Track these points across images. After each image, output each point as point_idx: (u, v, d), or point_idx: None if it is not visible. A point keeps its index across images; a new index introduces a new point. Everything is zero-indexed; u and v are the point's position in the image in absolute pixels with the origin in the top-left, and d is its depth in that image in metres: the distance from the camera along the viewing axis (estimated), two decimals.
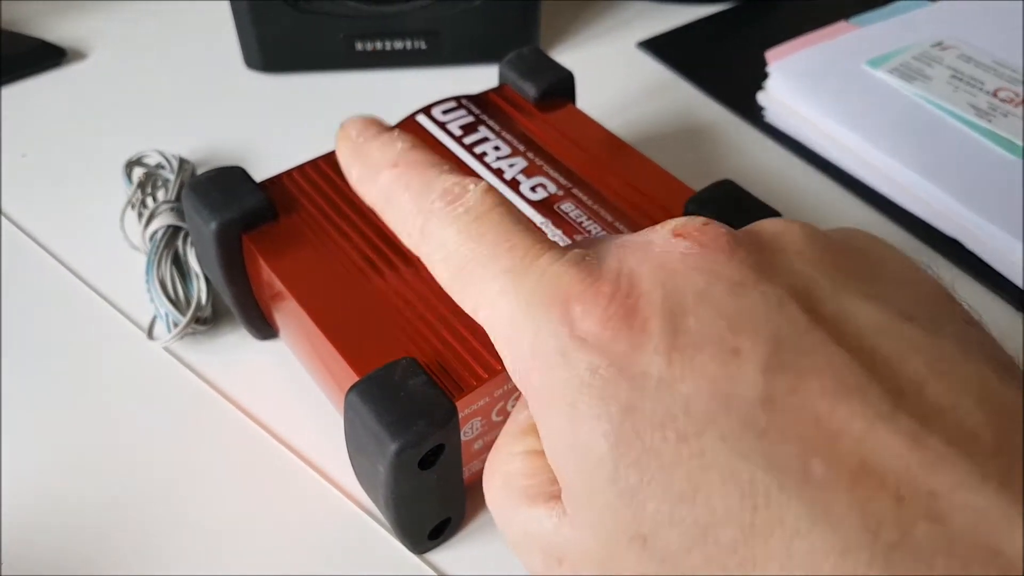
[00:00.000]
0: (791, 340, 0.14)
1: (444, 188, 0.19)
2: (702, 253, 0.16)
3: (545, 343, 0.16)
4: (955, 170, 0.38)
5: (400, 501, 0.23)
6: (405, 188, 0.19)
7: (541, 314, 0.16)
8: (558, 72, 0.35)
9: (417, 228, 0.19)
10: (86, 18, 0.52)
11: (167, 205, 0.34)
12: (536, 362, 0.16)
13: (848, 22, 0.48)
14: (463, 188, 0.19)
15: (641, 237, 0.17)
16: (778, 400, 0.14)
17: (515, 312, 0.17)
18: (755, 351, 0.14)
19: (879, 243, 0.18)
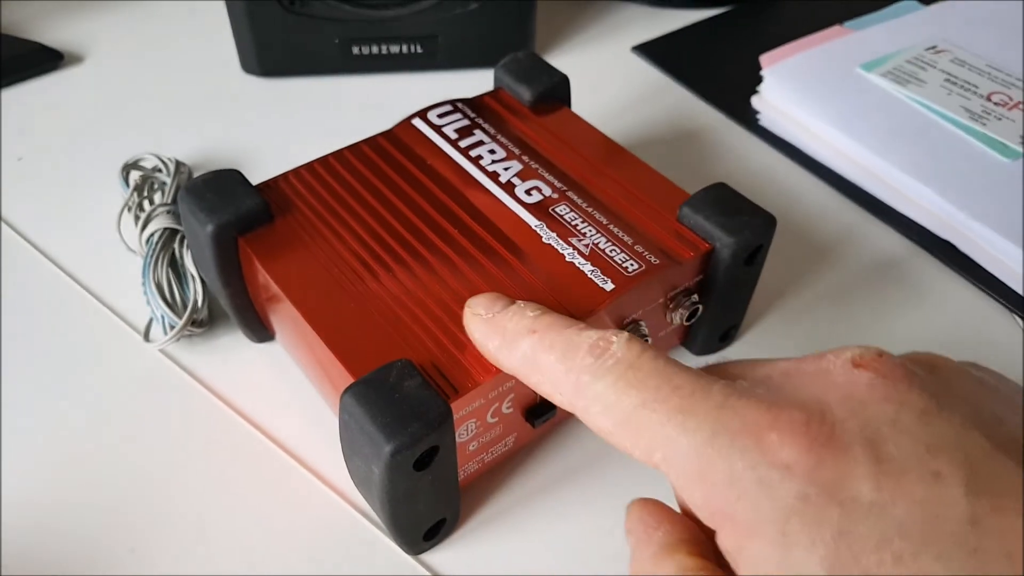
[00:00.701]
0: (982, 463, 0.16)
1: (590, 344, 0.20)
2: (885, 383, 0.17)
3: (743, 474, 0.16)
4: (949, 173, 0.38)
5: (395, 502, 0.23)
6: (549, 350, 0.21)
7: (731, 446, 0.17)
8: (553, 76, 0.35)
9: (570, 386, 0.20)
10: (84, 22, 0.52)
11: (163, 208, 0.34)
12: (735, 492, 0.16)
13: (842, 26, 0.48)
14: (607, 340, 0.20)
15: (812, 365, 0.18)
16: (983, 520, 0.15)
17: (700, 447, 0.17)
18: (955, 474, 0.15)
19: (994, 375, 0.20)
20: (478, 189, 0.30)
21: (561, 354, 0.20)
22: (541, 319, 0.22)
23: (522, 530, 0.27)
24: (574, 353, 0.20)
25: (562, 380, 0.20)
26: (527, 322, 0.22)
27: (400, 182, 0.30)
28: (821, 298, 0.35)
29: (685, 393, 0.18)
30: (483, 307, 0.23)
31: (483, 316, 0.23)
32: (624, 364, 0.19)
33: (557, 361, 0.20)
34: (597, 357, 0.19)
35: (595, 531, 0.27)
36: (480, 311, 0.23)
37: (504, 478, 0.28)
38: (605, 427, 0.19)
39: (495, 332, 0.23)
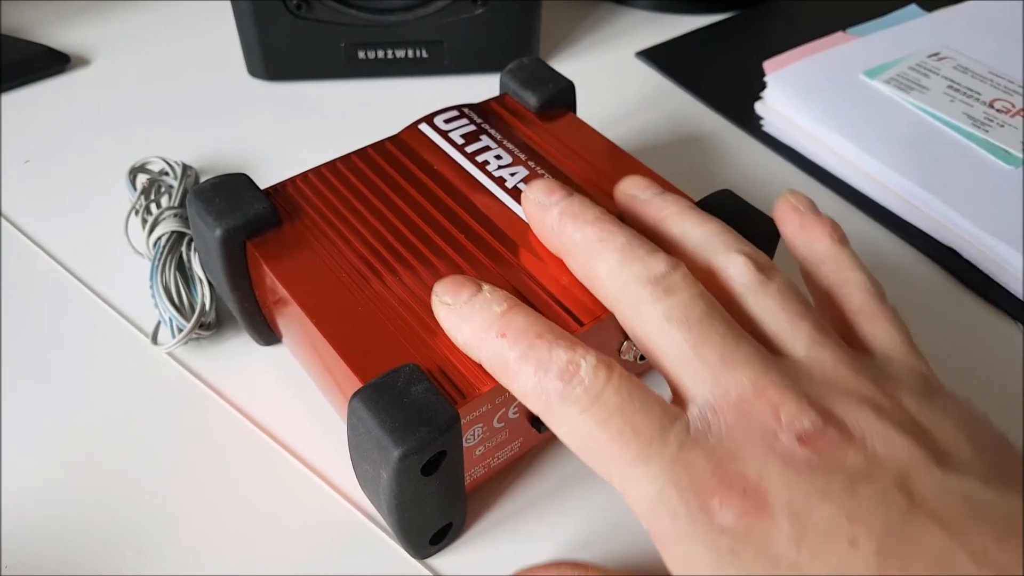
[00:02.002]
0: (897, 527, 0.17)
1: (559, 368, 0.21)
2: (822, 459, 0.19)
3: (685, 527, 0.19)
4: (951, 180, 0.38)
5: (402, 507, 0.23)
6: (520, 360, 0.21)
7: (679, 501, 0.19)
8: (559, 82, 0.35)
9: (539, 401, 0.21)
10: (90, 25, 0.52)
11: (171, 211, 0.34)
12: (677, 538, 0.19)
13: (845, 32, 0.48)
14: (575, 365, 0.21)
15: (759, 424, 0.19)
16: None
17: (652, 496, 0.19)
18: (869, 539, 0.17)
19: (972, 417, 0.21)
20: (484, 194, 0.30)
21: (532, 369, 0.21)
22: (510, 318, 0.22)
23: (528, 534, 0.27)
24: (543, 371, 0.21)
25: (530, 393, 0.21)
26: (494, 318, 0.22)
27: (407, 187, 0.30)
28: None
29: (643, 441, 0.19)
30: (449, 294, 0.24)
31: (449, 304, 0.23)
32: (591, 396, 0.20)
33: (526, 375, 0.21)
34: (566, 382, 0.20)
35: (601, 536, 0.27)
36: (447, 299, 0.24)
37: (510, 483, 0.29)
38: (572, 447, 0.21)
39: (463, 324, 0.23)
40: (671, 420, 0.20)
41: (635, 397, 0.20)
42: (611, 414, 0.20)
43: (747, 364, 0.20)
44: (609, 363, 0.21)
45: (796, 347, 0.22)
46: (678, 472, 0.19)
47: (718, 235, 0.25)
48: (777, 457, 0.19)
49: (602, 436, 0.20)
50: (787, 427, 0.19)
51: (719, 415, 0.20)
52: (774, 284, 0.23)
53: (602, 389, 0.20)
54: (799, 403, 0.19)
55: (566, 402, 0.20)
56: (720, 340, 0.21)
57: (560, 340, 0.21)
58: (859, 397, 0.20)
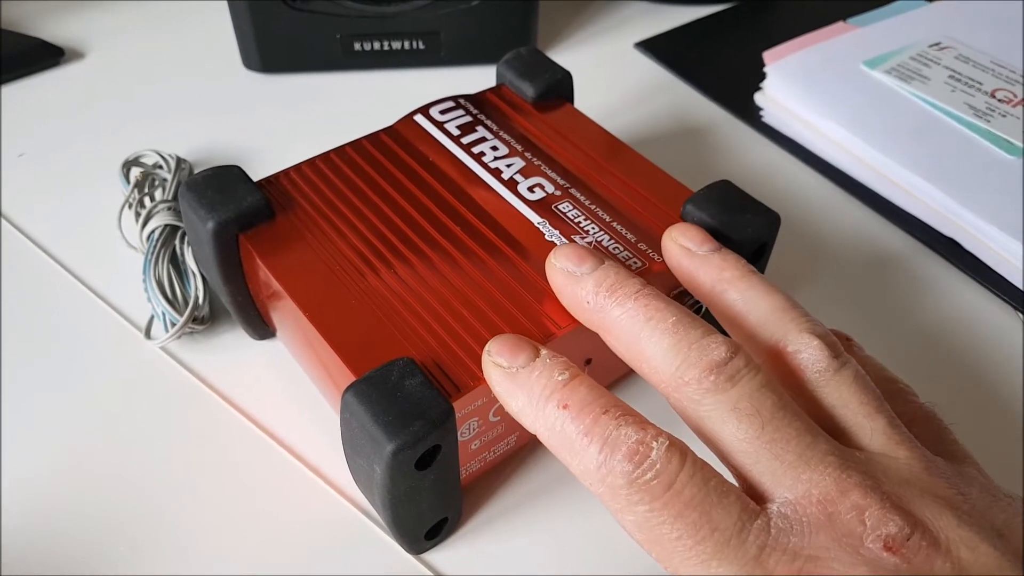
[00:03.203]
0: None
1: (628, 448, 0.19)
2: (911, 569, 0.18)
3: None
4: (953, 170, 0.38)
5: (397, 502, 0.23)
6: (584, 436, 0.20)
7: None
8: (556, 72, 0.35)
9: (601, 485, 0.19)
10: (85, 18, 0.52)
11: (164, 205, 0.34)
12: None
13: (846, 23, 0.48)
14: (647, 447, 0.19)
15: (843, 521, 0.18)
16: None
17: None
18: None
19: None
20: (480, 186, 0.30)
21: (598, 447, 0.19)
22: (573, 389, 0.21)
23: (524, 529, 0.27)
24: (611, 451, 0.19)
25: (593, 474, 0.20)
26: (555, 387, 0.21)
27: (402, 178, 0.30)
28: (824, 295, 0.35)
29: (721, 539, 0.18)
30: (505, 357, 0.22)
31: (504, 368, 0.22)
32: (663, 484, 0.19)
33: (591, 453, 0.20)
34: (636, 465, 0.19)
35: (598, 531, 0.27)
36: (502, 361, 0.22)
37: (506, 477, 0.28)
38: (636, 538, 0.19)
39: (520, 391, 0.21)
40: (750, 517, 0.19)
41: (712, 489, 0.19)
42: (686, 506, 0.19)
43: (826, 462, 0.19)
44: (683, 447, 0.19)
45: (872, 443, 0.21)
46: (758, 574, 0.18)
47: (787, 311, 0.23)
48: (863, 563, 0.18)
49: (674, 530, 0.19)
50: (872, 531, 0.18)
51: (801, 515, 0.19)
52: (848, 372, 0.22)
53: (676, 477, 0.19)
54: (883, 506, 0.19)
55: (634, 488, 0.19)
56: (797, 436, 0.20)
57: (628, 417, 0.20)
58: (937, 498, 0.19)
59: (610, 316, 0.23)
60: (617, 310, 0.23)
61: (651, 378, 0.22)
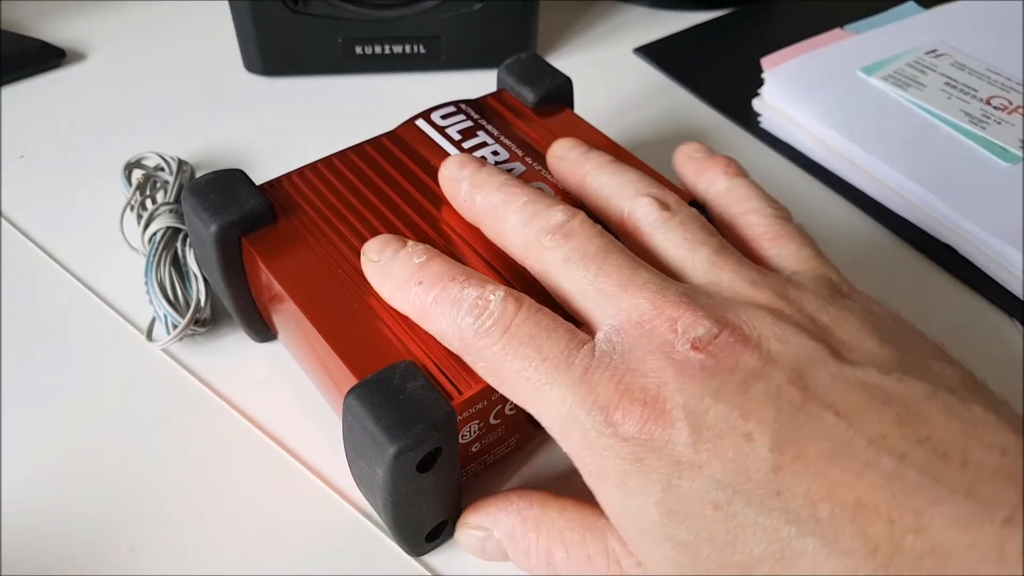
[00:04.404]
0: (790, 418, 0.18)
1: (470, 303, 0.22)
2: (716, 363, 0.20)
3: (594, 441, 0.20)
4: (948, 177, 0.38)
5: (398, 504, 0.23)
6: (434, 304, 0.23)
7: (586, 418, 0.20)
8: (556, 77, 0.35)
9: (455, 341, 0.22)
10: (86, 19, 0.52)
11: (166, 207, 0.34)
12: (588, 452, 0.20)
13: (843, 29, 0.48)
14: (485, 300, 0.22)
15: (657, 334, 0.21)
16: (786, 467, 0.18)
17: (562, 416, 0.21)
18: (763, 432, 0.18)
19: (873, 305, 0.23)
20: None
21: (445, 309, 0.22)
22: (426, 267, 0.23)
23: None
24: (456, 309, 0.22)
25: (447, 334, 0.23)
26: (413, 270, 0.24)
27: (403, 183, 0.30)
28: None
29: (551, 365, 0.21)
30: (375, 251, 0.25)
31: (375, 261, 0.25)
32: (500, 327, 0.21)
33: (442, 316, 0.22)
34: (476, 317, 0.22)
35: None
36: (373, 256, 0.25)
37: (506, 480, 0.28)
38: (487, 379, 0.22)
39: (386, 278, 0.24)
40: (578, 345, 0.21)
41: (543, 326, 0.21)
42: (520, 343, 0.21)
43: (646, 288, 0.21)
44: (518, 296, 0.22)
45: (696, 271, 0.23)
46: (583, 391, 0.20)
47: (630, 183, 0.26)
48: (674, 365, 0.20)
49: (513, 364, 0.21)
50: (683, 336, 0.20)
51: (622, 336, 0.21)
52: (677, 218, 0.24)
53: (512, 320, 0.21)
54: (695, 314, 0.20)
55: (479, 335, 0.22)
56: (617, 270, 0.22)
57: (471, 279, 0.23)
58: (757, 305, 0.21)
59: (479, 206, 0.26)
60: (484, 201, 0.26)
61: (512, 252, 0.25)
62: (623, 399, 0.20)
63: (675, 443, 0.19)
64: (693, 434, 0.19)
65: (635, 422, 0.19)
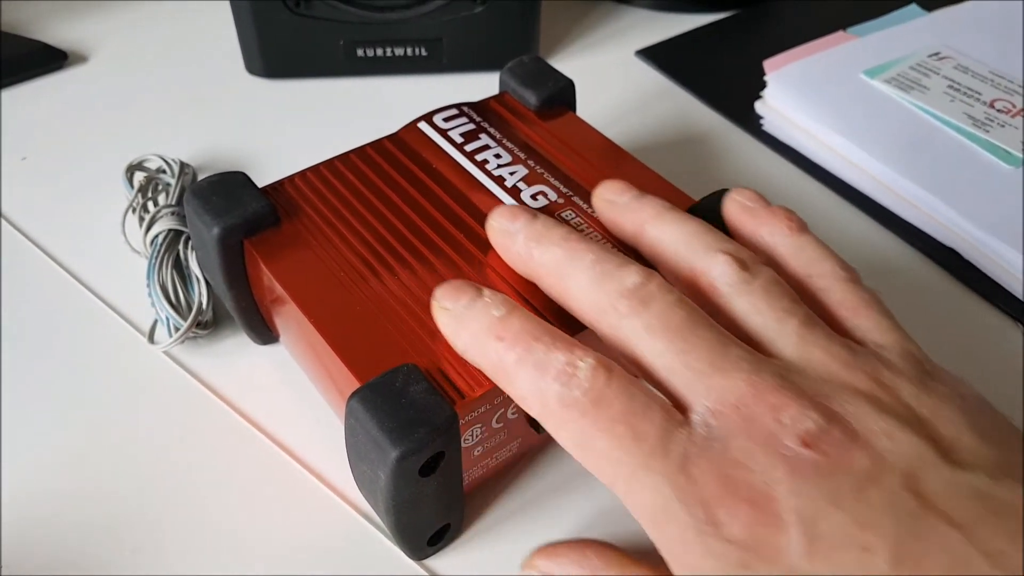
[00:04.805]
0: (909, 531, 0.17)
1: (557, 369, 0.20)
2: (828, 462, 0.18)
3: (693, 539, 0.18)
4: (952, 180, 0.38)
5: (400, 508, 0.23)
6: (517, 364, 0.21)
7: (685, 513, 0.18)
8: (558, 80, 0.35)
9: (537, 406, 0.21)
10: (88, 21, 0.52)
11: (168, 209, 0.34)
12: (684, 549, 0.18)
13: (846, 32, 0.48)
14: (573, 366, 0.20)
15: (760, 423, 0.19)
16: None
17: (657, 506, 0.19)
18: (882, 545, 0.17)
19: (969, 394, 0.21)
20: (484, 193, 0.30)
21: (529, 371, 0.21)
22: (508, 322, 0.22)
23: (526, 536, 0.27)
24: (541, 374, 0.20)
25: (529, 397, 0.21)
26: (492, 322, 0.22)
27: (406, 185, 0.30)
28: None
29: (646, 449, 0.19)
30: (448, 299, 0.23)
31: (448, 309, 0.23)
32: (590, 399, 0.20)
33: (524, 378, 0.21)
34: (563, 384, 0.20)
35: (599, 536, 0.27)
36: (446, 304, 0.23)
37: (508, 483, 0.28)
38: (570, 450, 0.21)
39: (461, 328, 0.23)
40: (674, 426, 0.19)
41: (637, 401, 0.20)
42: (612, 419, 0.19)
43: (739, 367, 0.20)
44: (609, 364, 0.20)
45: (785, 345, 0.21)
46: (683, 483, 0.18)
47: (698, 236, 0.24)
48: (784, 462, 0.18)
49: (603, 442, 0.19)
50: (790, 429, 0.19)
51: (720, 420, 0.19)
52: (758, 281, 0.23)
53: (602, 391, 0.20)
54: (799, 403, 0.19)
55: (565, 405, 0.20)
56: (706, 346, 0.20)
57: (557, 342, 0.21)
58: (856, 392, 0.20)
59: (539, 262, 0.24)
60: (544, 256, 0.24)
61: (579, 314, 0.23)
62: (728, 496, 0.18)
63: (788, 552, 0.17)
64: (807, 543, 0.17)
65: (742, 524, 0.18)
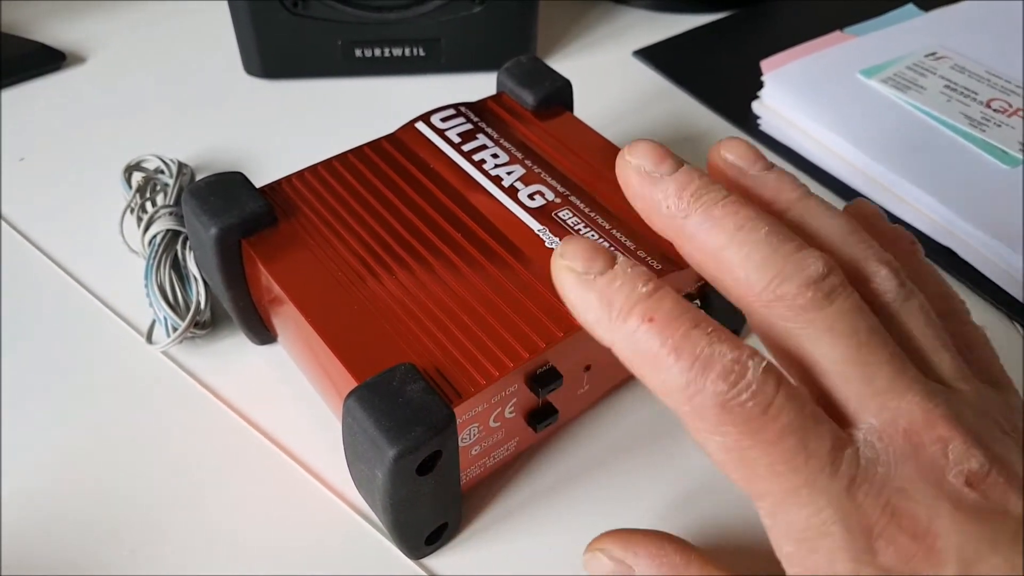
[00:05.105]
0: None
1: (723, 366, 0.18)
2: (989, 505, 0.18)
3: (845, 563, 0.17)
4: (948, 180, 0.38)
5: (397, 507, 0.23)
6: (672, 352, 0.18)
7: (845, 538, 0.17)
8: (556, 80, 0.35)
9: (688, 404, 0.18)
10: (86, 22, 0.52)
11: (166, 210, 0.34)
12: (832, 573, 0.18)
13: (843, 32, 0.48)
14: (743, 366, 0.18)
15: (927, 454, 0.18)
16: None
17: (813, 526, 0.18)
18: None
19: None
20: (481, 193, 0.30)
21: (687, 364, 0.18)
22: (658, 301, 0.19)
23: (524, 534, 0.27)
24: (703, 369, 0.18)
25: (677, 392, 0.18)
26: (639, 298, 0.19)
27: (403, 185, 0.30)
28: None
29: (815, 467, 0.18)
30: (580, 261, 0.20)
31: (580, 274, 0.20)
32: (760, 408, 0.18)
33: (677, 369, 0.18)
34: (732, 386, 0.18)
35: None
36: (577, 265, 0.20)
37: (506, 482, 0.28)
38: (715, 458, 0.19)
39: (598, 300, 0.20)
40: (842, 446, 0.18)
41: (808, 415, 0.18)
42: (782, 432, 0.18)
43: (913, 390, 0.19)
44: (779, 371, 0.18)
45: (942, 371, 0.20)
46: (848, 507, 0.18)
47: (856, 234, 0.22)
48: (948, 499, 0.18)
49: (765, 454, 0.18)
50: (955, 465, 0.18)
51: (887, 444, 0.18)
52: (915, 302, 0.21)
53: (772, 399, 0.18)
54: (965, 440, 0.18)
55: (726, 409, 0.18)
56: (889, 362, 0.19)
57: (721, 333, 0.19)
58: (1003, 432, 0.19)
59: (692, 223, 0.21)
60: (701, 217, 0.21)
61: (737, 291, 0.20)
62: (890, 525, 0.17)
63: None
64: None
65: (900, 555, 0.17)
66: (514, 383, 0.25)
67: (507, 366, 0.24)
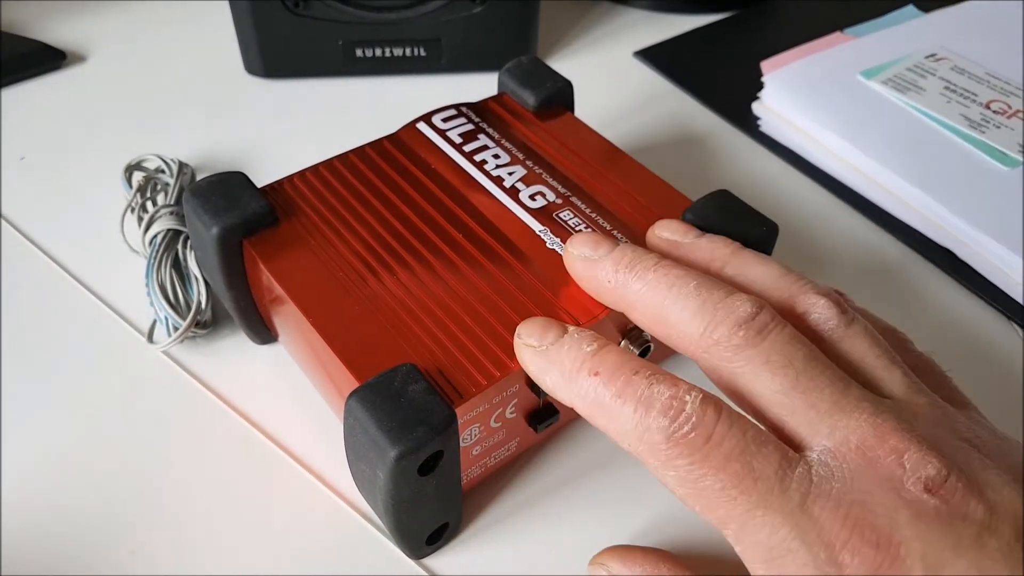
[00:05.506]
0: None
1: (662, 404, 0.19)
2: (950, 510, 0.18)
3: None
4: (948, 181, 0.38)
5: (399, 507, 0.23)
6: (617, 398, 0.20)
7: (806, 553, 0.18)
8: (557, 81, 0.35)
9: (640, 444, 0.20)
10: (86, 21, 0.52)
11: (167, 209, 0.34)
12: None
13: (843, 33, 0.48)
14: (681, 401, 0.19)
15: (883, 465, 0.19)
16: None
17: (774, 546, 0.18)
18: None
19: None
20: (482, 193, 0.30)
21: (631, 407, 0.20)
22: (602, 357, 0.21)
23: (524, 534, 0.27)
24: (646, 410, 0.20)
25: (629, 435, 0.20)
26: (585, 358, 0.21)
27: (405, 186, 0.30)
28: None
29: (765, 488, 0.18)
30: (535, 337, 0.23)
31: (535, 347, 0.23)
32: (701, 436, 0.19)
33: (624, 414, 0.20)
34: (672, 420, 0.19)
35: (597, 536, 0.27)
36: (532, 341, 0.23)
37: (507, 482, 0.28)
38: (676, 492, 0.20)
39: (552, 367, 0.22)
40: (791, 465, 0.19)
41: (750, 438, 0.19)
42: (727, 458, 0.19)
43: (861, 408, 0.20)
44: (717, 400, 0.20)
45: (894, 390, 0.21)
46: (805, 523, 0.18)
47: (786, 276, 0.24)
48: (908, 507, 0.18)
49: (715, 480, 0.19)
50: (912, 473, 0.19)
51: (841, 461, 0.19)
52: (858, 326, 0.22)
53: (713, 428, 0.19)
54: (920, 448, 0.19)
55: (672, 442, 0.19)
56: (830, 384, 0.20)
57: (659, 375, 0.20)
58: (961, 439, 0.20)
59: (632, 291, 0.23)
60: (638, 284, 0.23)
61: (680, 343, 0.22)
62: (852, 536, 0.18)
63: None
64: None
65: (867, 565, 0.18)
66: (515, 383, 0.25)
67: (508, 366, 0.24)
